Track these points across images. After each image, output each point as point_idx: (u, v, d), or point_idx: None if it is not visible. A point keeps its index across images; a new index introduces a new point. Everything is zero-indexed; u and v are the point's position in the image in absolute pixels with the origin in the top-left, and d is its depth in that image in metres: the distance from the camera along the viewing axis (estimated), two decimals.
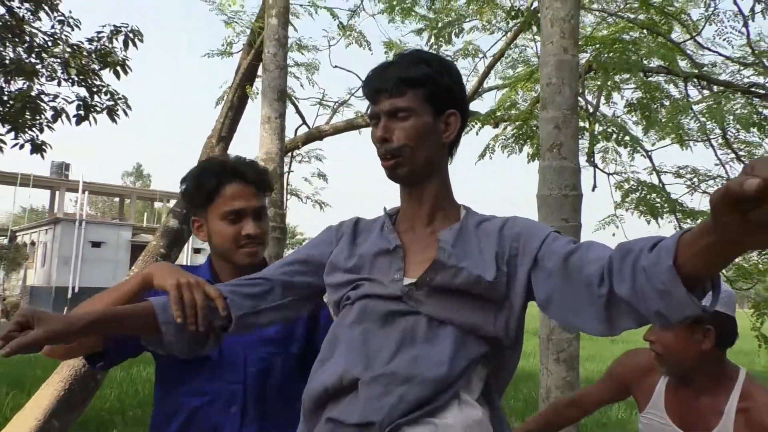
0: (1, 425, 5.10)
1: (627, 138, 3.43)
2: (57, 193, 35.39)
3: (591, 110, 4.13)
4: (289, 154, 6.54)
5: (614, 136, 3.57)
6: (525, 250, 1.26)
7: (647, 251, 0.98)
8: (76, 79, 7.16)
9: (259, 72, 6.60)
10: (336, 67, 6.13)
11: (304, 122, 6.84)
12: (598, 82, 4.24)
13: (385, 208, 1.50)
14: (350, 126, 6.14)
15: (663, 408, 1.84)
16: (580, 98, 3.80)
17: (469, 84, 5.71)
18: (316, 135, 6.19)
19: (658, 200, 3.44)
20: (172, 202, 6.54)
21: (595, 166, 4.03)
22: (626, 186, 3.83)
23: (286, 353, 1.66)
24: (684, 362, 1.71)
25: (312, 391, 1.26)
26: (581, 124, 4.04)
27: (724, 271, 4.51)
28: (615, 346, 17.42)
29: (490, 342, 1.24)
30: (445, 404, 1.16)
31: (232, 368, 1.59)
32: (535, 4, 4.42)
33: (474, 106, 5.62)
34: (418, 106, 1.29)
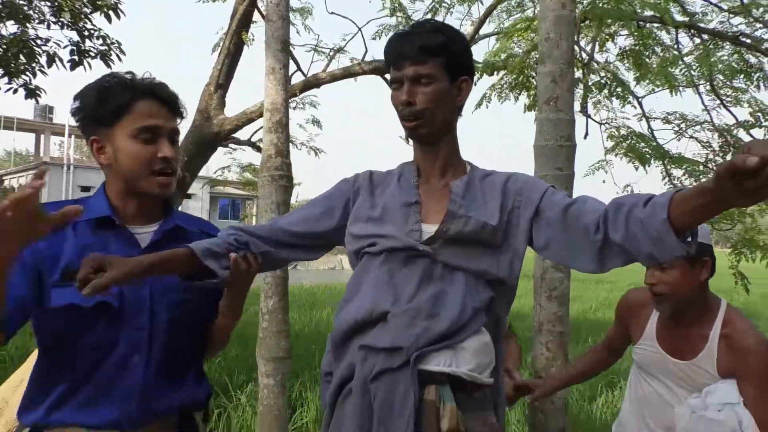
0: None
1: (620, 89, 3.58)
2: (42, 136, 34.94)
3: (586, 60, 4.27)
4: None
5: (608, 86, 3.72)
6: (527, 203, 1.48)
7: (642, 206, 1.20)
8: (67, 22, 7.10)
9: (255, 18, 6.61)
10: (333, 13, 6.14)
11: (300, 69, 6.88)
12: (592, 33, 4.35)
13: (402, 164, 1.68)
14: (347, 74, 6.21)
15: (655, 339, 2.08)
16: (575, 48, 3.91)
17: (465, 30, 5.77)
18: (313, 83, 6.26)
19: (647, 148, 3.63)
20: None
21: (588, 116, 4.20)
22: (617, 135, 4.01)
23: (200, 299, 1.56)
24: (686, 295, 1.94)
25: (343, 323, 1.48)
26: (576, 74, 4.17)
27: None
28: (600, 287, 18.01)
29: (495, 286, 1.46)
30: (461, 337, 1.39)
31: (136, 315, 1.46)
32: None
33: None
34: (438, 72, 1.47)
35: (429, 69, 1.46)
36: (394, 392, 1.34)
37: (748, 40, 4.05)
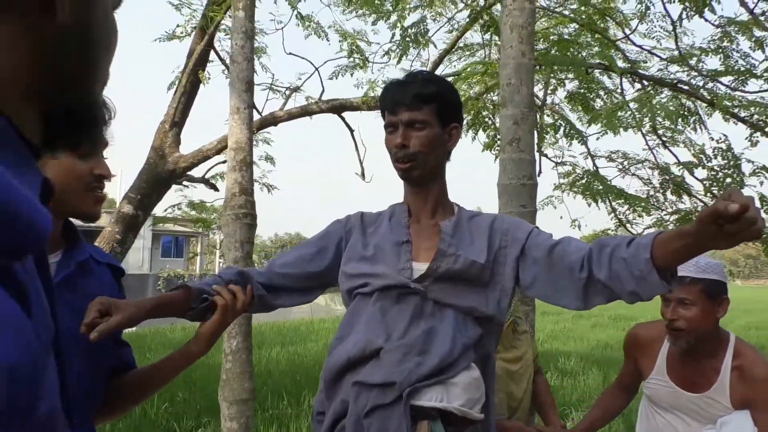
0: None
1: (572, 131, 3.81)
2: None
3: (539, 103, 4.51)
4: None
5: (561, 128, 3.95)
6: (513, 242, 1.56)
7: (625, 246, 1.30)
8: None
9: (211, 57, 6.65)
10: (290, 54, 6.24)
11: (255, 107, 6.93)
12: (544, 78, 4.61)
13: (393, 205, 1.75)
14: (304, 112, 6.29)
15: (665, 373, 2.13)
16: None
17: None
18: (270, 120, 6.30)
19: (600, 186, 3.85)
20: (125, 186, 6.47)
21: (544, 155, 4.43)
22: (573, 174, 4.24)
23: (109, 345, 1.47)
24: (705, 332, 1.98)
25: (335, 362, 1.51)
26: None
27: None
28: (546, 318, 18.40)
29: (483, 323, 1.52)
30: (451, 373, 1.44)
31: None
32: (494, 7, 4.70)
33: None
34: (431, 119, 1.56)
35: (423, 115, 1.55)
36: (387, 428, 1.38)
37: (686, 87, 4.38)
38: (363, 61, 5.64)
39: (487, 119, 4.84)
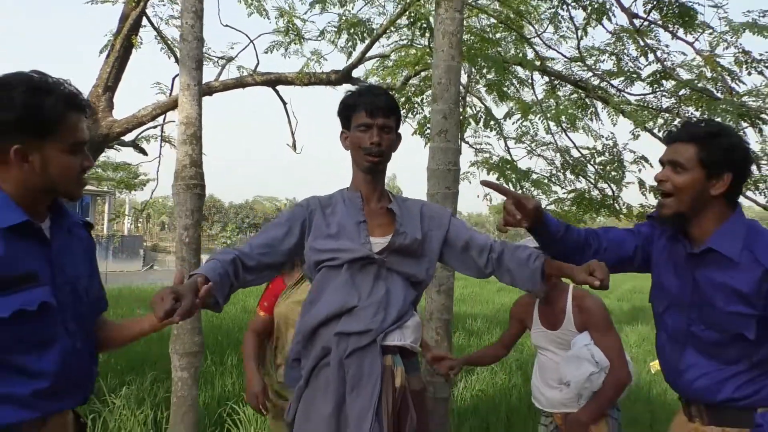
0: None
1: (492, 122, 4.39)
2: None
3: (463, 93, 5.05)
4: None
5: (481, 118, 4.53)
6: (439, 227, 2.12)
7: (527, 255, 1.98)
8: None
9: (144, 22, 6.69)
10: (227, 26, 6.42)
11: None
12: (466, 71, 5.15)
13: (343, 189, 2.19)
14: (240, 83, 6.52)
15: (539, 322, 2.93)
16: None
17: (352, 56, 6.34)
18: (206, 91, 6.48)
19: (513, 175, 4.49)
20: None
21: (464, 141, 4.99)
22: (490, 162, 4.85)
23: (95, 282, 1.75)
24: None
25: (313, 319, 1.97)
26: None
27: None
28: (488, 286, 19.54)
29: (417, 286, 2.06)
30: (404, 320, 1.96)
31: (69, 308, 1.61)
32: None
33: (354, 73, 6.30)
34: (394, 125, 2.04)
35: (391, 122, 2.03)
36: (363, 364, 1.89)
37: (584, 85, 5.06)
38: (299, 38, 5.94)
39: (416, 105, 5.35)
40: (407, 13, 4.77)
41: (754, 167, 4.07)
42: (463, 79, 5.44)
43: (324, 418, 1.88)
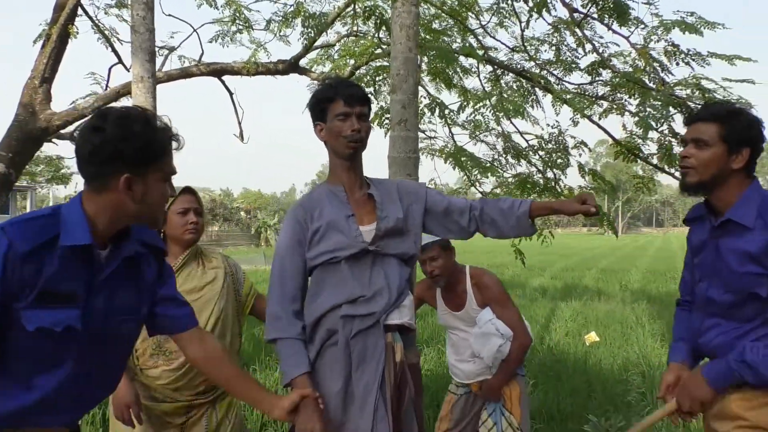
0: None
1: (446, 111, 4.59)
2: None
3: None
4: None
5: (435, 108, 4.73)
6: (417, 200, 2.26)
7: (509, 204, 2.16)
8: None
9: (80, 11, 6.46)
10: (170, 15, 6.31)
11: (123, 65, 6.93)
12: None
13: (322, 183, 2.31)
14: (185, 74, 6.44)
15: (444, 306, 3.23)
16: None
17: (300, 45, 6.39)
18: None
19: (468, 160, 4.71)
20: None
21: (421, 130, 5.18)
22: (445, 149, 5.06)
23: (138, 317, 1.75)
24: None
25: (317, 310, 2.10)
26: None
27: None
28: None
29: (408, 261, 2.21)
30: (401, 299, 2.12)
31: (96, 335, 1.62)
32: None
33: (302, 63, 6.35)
34: (368, 113, 2.18)
35: (367, 111, 2.17)
36: (367, 343, 2.04)
37: (527, 74, 5.34)
38: (247, 27, 5.93)
39: (371, 94, 5.48)
40: (354, 5, 4.88)
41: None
42: None
43: (333, 395, 2.03)
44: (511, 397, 3.08)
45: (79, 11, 6.57)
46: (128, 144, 1.53)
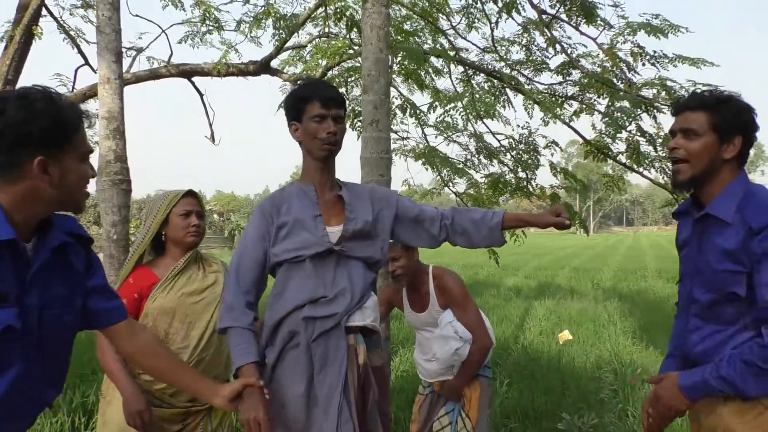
0: None
1: (417, 112, 4.59)
2: None
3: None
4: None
5: (408, 109, 4.73)
6: (388, 206, 2.25)
7: (482, 214, 2.11)
8: None
9: (44, 12, 6.34)
10: (137, 15, 6.21)
11: (90, 66, 6.81)
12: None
13: (296, 183, 2.29)
14: (154, 75, 6.34)
15: (409, 307, 3.23)
16: None
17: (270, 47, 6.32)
18: None
19: (439, 161, 4.73)
20: None
21: (391, 130, 5.19)
22: (415, 147, 5.08)
23: (74, 309, 1.66)
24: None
25: (279, 311, 2.07)
26: None
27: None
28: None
29: (373, 266, 2.19)
30: (363, 301, 2.10)
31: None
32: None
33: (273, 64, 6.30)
34: (344, 116, 2.16)
35: (343, 113, 2.15)
36: (329, 346, 2.01)
37: (498, 75, 5.38)
38: (217, 28, 5.87)
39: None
40: (324, 6, 4.86)
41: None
42: None
43: (296, 398, 2.00)
44: (471, 399, 3.12)
45: (44, 12, 6.45)
46: (35, 124, 1.42)
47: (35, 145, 1.43)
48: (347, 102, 2.08)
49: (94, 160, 1.74)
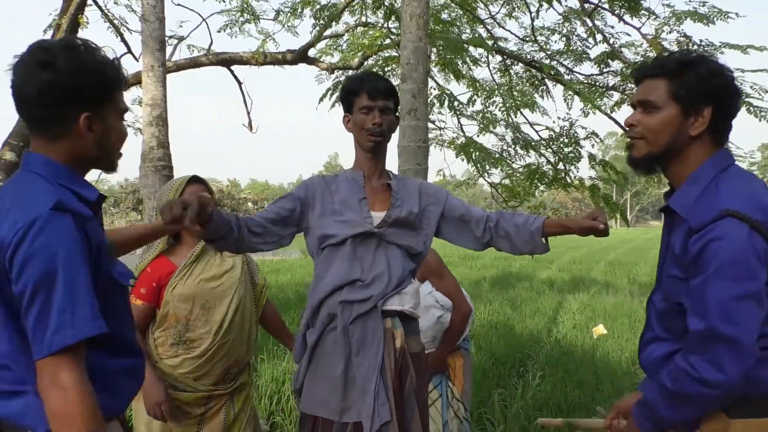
0: None
1: (456, 103, 4.57)
2: None
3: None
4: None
5: (446, 101, 4.72)
6: (436, 203, 2.27)
7: (524, 219, 2.15)
8: None
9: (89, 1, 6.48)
10: (178, 5, 6.31)
11: (133, 55, 6.95)
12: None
13: (346, 170, 2.32)
14: (194, 63, 6.44)
15: None
16: None
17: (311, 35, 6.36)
18: None
19: (480, 153, 4.71)
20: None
21: (430, 120, 5.17)
22: (457, 142, 5.07)
23: None
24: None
25: (320, 293, 2.10)
26: None
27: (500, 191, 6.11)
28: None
29: (414, 258, 2.21)
30: (403, 286, 2.12)
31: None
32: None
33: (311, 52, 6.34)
34: (393, 107, 2.18)
35: (390, 104, 2.17)
36: (366, 328, 2.04)
37: (537, 65, 5.31)
38: (254, 18, 5.93)
39: None
40: None
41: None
42: None
43: (334, 379, 2.03)
44: (455, 368, 3.14)
45: (89, 1, 6.60)
46: (85, 77, 1.35)
47: (83, 101, 1.37)
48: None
49: (137, 146, 1.75)
